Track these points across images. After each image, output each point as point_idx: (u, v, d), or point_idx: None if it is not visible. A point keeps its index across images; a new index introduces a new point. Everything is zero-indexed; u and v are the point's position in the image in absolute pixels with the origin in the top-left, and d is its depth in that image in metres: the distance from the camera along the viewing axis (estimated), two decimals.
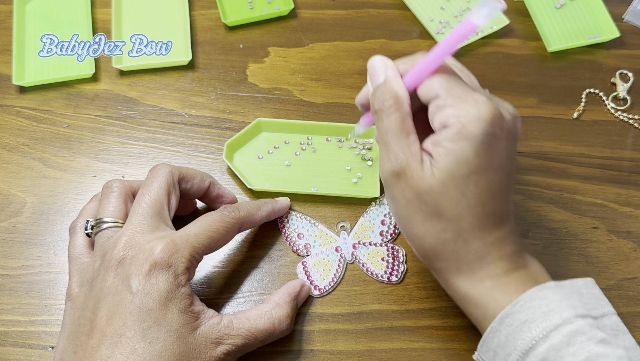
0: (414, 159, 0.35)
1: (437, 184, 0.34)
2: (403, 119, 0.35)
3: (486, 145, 0.34)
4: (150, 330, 0.33)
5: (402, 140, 0.35)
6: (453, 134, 0.34)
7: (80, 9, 0.55)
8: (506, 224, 0.36)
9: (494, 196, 0.35)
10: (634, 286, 0.44)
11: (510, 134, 0.35)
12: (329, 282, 0.43)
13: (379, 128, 0.36)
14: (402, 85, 0.36)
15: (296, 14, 0.57)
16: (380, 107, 0.36)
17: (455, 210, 0.34)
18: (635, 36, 0.56)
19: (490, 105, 0.34)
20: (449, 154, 0.34)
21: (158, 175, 0.39)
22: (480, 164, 0.34)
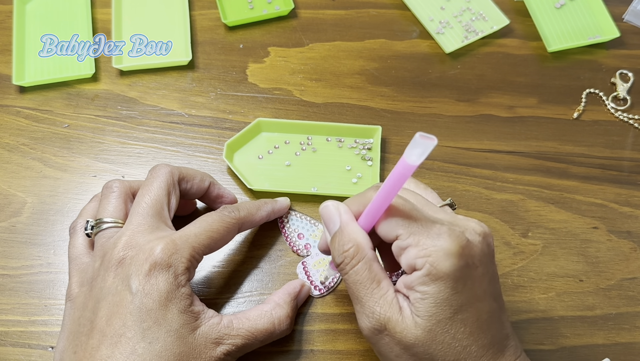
0: (392, 310, 0.32)
1: (423, 333, 0.31)
2: (369, 266, 0.33)
3: (462, 279, 0.31)
4: (150, 330, 0.33)
5: (374, 291, 0.33)
6: (424, 276, 0.31)
7: (80, 9, 0.55)
8: (507, 349, 0.33)
9: (488, 327, 0.32)
10: (634, 286, 0.44)
11: (484, 257, 0.33)
12: (329, 282, 0.43)
13: (347, 282, 0.34)
14: (359, 228, 0.34)
15: (296, 14, 0.57)
16: (341, 260, 0.34)
17: (451, 356, 0.32)
18: (635, 36, 0.56)
19: (454, 236, 0.31)
20: (426, 298, 0.31)
21: (158, 175, 0.39)
22: (462, 300, 0.31)
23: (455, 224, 0.33)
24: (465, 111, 0.52)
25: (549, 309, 0.43)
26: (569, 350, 0.42)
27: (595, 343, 0.42)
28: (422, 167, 0.48)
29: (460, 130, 0.51)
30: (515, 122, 0.51)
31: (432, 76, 0.53)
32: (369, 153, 0.49)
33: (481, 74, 0.54)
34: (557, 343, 0.42)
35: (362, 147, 0.49)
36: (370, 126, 0.49)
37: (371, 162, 0.48)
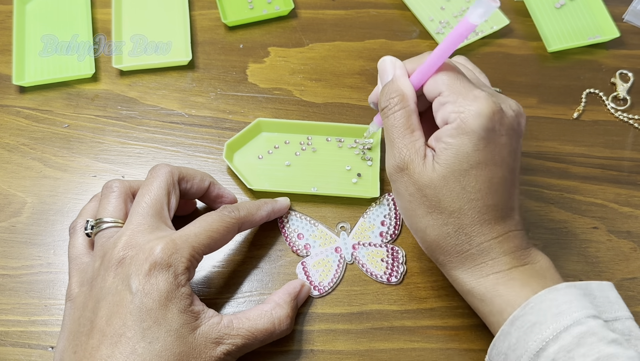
0: (416, 154, 0.36)
1: (437, 178, 0.35)
2: (408, 115, 0.37)
3: (486, 140, 0.34)
4: (150, 330, 0.33)
5: (407, 136, 0.36)
6: (453, 129, 0.35)
7: (80, 9, 0.55)
8: (509, 219, 0.36)
9: (496, 191, 0.35)
10: (634, 286, 0.44)
11: (511, 130, 0.35)
12: (329, 282, 0.43)
13: (385, 125, 0.38)
14: (408, 83, 0.37)
15: (296, 14, 0.57)
16: (386, 105, 0.37)
17: (455, 204, 0.35)
18: (635, 36, 0.56)
19: (490, 101, 0.34)
20: (449, 148, 0.35)
21: (158, 175, 0.39)
22: (480, 158, 0.34)
23: (494, 94, 0.36)
24: None
25: None
26: None
27: None
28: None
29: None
30: None
31: None
32: (369, 153, 0.49)
33: None
34: None
35: (362, 147, 0.49)
36: None
37: (371, 162, 0.48)
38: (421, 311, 0.43)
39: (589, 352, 0.32)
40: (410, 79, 0.38)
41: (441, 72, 0.36)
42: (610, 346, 0.32)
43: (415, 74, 0.38)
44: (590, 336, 0.32)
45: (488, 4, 0.32)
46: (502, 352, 0.35)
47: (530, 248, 0.37)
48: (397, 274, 0.44)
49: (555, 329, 0.33)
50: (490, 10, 0.32)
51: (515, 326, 0.34)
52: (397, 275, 0.44)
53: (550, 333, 0.33)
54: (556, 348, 0.32)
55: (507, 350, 0.35)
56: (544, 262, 0.37)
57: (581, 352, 0.32)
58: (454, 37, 0.34)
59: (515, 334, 0.34)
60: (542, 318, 0.33)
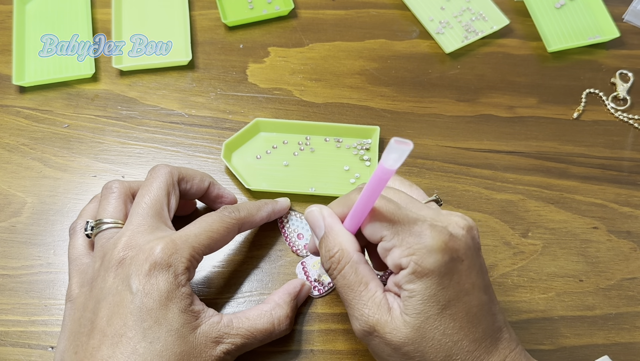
0: (380, 311, 0.32)
1: (412, 332, 0.31)
2: (355, 270, 0.33)
3: (448, 275, 0.31)
4: (151, 330, 0.33)
5: (362, 293, 0.33)
6: (410, 275, 0.31)
7: (80, 9, 0.55)
8: (501, 342, 0.33)
9: (478, 321, 0.32)
10: (634, 286, 0.44)
11: (469, 250, 0.32)
12: (329, 282, 0.43)
13: (337, 286, 0.34)
14: (344, 231, 0.34)
15: (296, 14, 0.57)
16: (329, 265, 0.34)
17: (441, 353, 0.32)
18: (635, 36, 0.56)
19: (437, 231, 0.31)
20: (413, 296, 0.31)
21: (157, 175, 0.39)
22: (449, 295, 0.31)
23: (437, 220, 0.33)
24: (465, 111, 0.52)
25: (549, 309, 0.43)
26: (569, 350, 0.42)
27: (595, 343, 0.42)
28: (423, 167, 0.48)
29: (460, 130, 0.51)
30: (515, 122, 0.51)
31: (432, 76, 0.53)
32: (367, 153, 0.49)
33: (481, 74, 0.54)
34: (557, 343, 0.42)
35: (360, 148, 0.49)
36: (368, 127, 0.49)
37: (369, 163, 0.48)
38: None
39: None
40: (344, 224, 0.35)
41: (375, 213, 0.32)
42: None
43: (348, 219, 0.34)
44: None
45: (400, 148, 0.28)
46: None
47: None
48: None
49: None
50: (405, 154, 0.29)
51: None
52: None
53: None
54: None
55: None
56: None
57: None
58: (374, 183, 0.31)
59: None
60: None
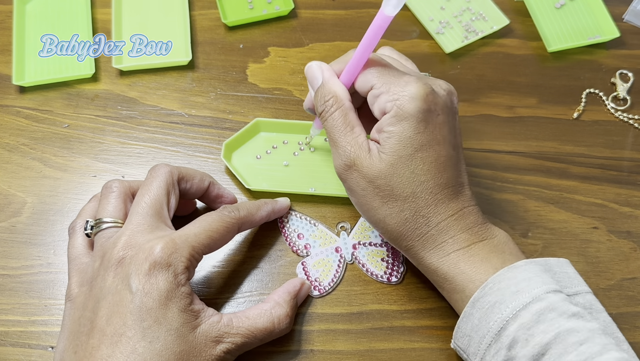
0: (361, 149, 0.37)
1: (386, 167, 0.36)
2: (345, 114, 0.38)
3: (424, 122, 0.36)
4: (151, 329, 0.33)
5: (348, 134, 0.38)
6: (391, 117, 0.36)
7: (80, 9, 0.55)
8: (462, 195, 0.38)
9: (444, 169, 0.37)
10: (634, 286, 0.44)
11: (446, 108, 0.37)
12: (329, 282, 0.43)
13: (326, 128, 0.39)
14: (339, 83, 0.39)
15: (296, 14, 0.57)
16: (322, 109, 0.39)
17: (408, 189, 0.36)
18: (635, 36, 0.56)
19: (421, 83, 0.36)
20: (391, 137, 0.36)
21: (157, 175, 0.39)
22: (422, 140, 0.36)
23: (423, 77, 0.37)
24: (465, 111, 0.52)
25: None
26: None
27: None
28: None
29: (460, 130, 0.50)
30: (515, 122, 0.51)
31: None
32: None
33: (481, 74, 0.54)
34: None
35: None
36: None
37: None
38: (421, 311, 0.43)
39: (549, 328, 0.32)
40: (340, 78, 0.39)
41: (370, 67, 0.38)
42: (571, 321, 0.33)
43: (344, 73, 0.39)
44: (550, 312, 0.33)
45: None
46: (466, 334, 0.36)
47: (486, 223, 0.38)
48: (398, 274, 0.44)
49: (514, 307, 0.33)
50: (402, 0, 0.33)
51: (477, 308, 0.35)
52: (397, 275, 0.44)
53: (509, 312, 0.33)
54: (516, 326, 0.33)
55: (470, 331, 0.35)
56: (501, 236, 0.38)
57: (541, 328, 0.32)
58: (372, 31, 0.36)
59: (476, 315, 0.35)
60: (502, 298, 0.34)
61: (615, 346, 0.32)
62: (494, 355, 0.34)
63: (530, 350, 0.32)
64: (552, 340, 0.32)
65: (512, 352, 0.33)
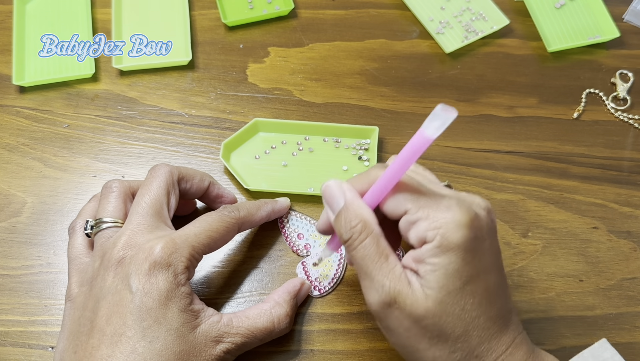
0: (401, 284, 0.32)
1: (433, 305, 0.32)
2: (377, 242, 0.33)
3: (472, 251, 0.32)
4: (151, 329, 0.33)
5: (383, 266, 0.33)
6: (435, 248, 0.31)
7: (80, 9, 0.55)
8: (511, 324, 0.34)
9: (495, 299, 0.33)
10: (634, 286, 0.44)
11: (490, 231, 0.33)
12: (329, 282, 0.43)
13: (355, 258, 0.34)
14: (365, 206, 0.34)
15: (296, 14, 0.57)
16: (349, 235, 0.34)
17: (459, 328, 0.32)
18: (635, 36, 0.56)
19: (464, 208, 0.32)
20: (437, 270, 0.31)
21: (157, 175, 0.39)
22: (471, 272, 0.32)
23: (462, 198, 0.33)
24: (465, 111, 0.52)
25: (549, 309, 0.43)
26: (569, 350, 0.42)
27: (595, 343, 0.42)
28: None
29: (460, 130, 0.51)
30: (515, 122, 0.51)
31: (432, 76, 0.53)
32: (365, 154, 0.49)
33: (481, 74, 0.54)
34: (557, 343, 0.42)
35: (359, 148, 0.49)
36: (367, 127, 0.49)
37: (368, 163, 0.48)
38: None
39: None
40: (364, 199, 0.34)
41: (400, 187, 0.33)
42: None
43: (370, 193, 0.34)
44: None
45: (445, 115, 0.29)
46: None
47: (536, 351, 0.35)
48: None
49: None
50: (448, 122, 0.29)
51: None
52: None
53: None
54: None
55: None
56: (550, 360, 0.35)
57: None
58: (410, 152, 0.32)
59: None
60: None
61: None
62: None
63: None
64: None
65: None
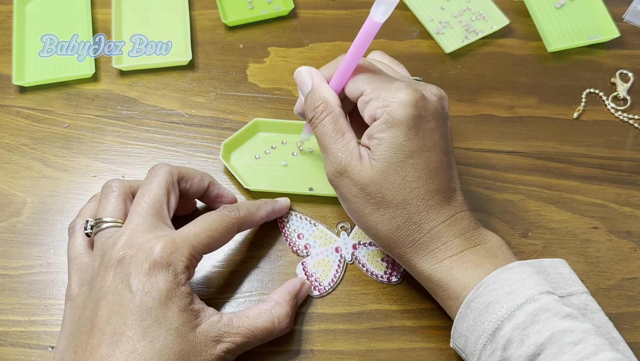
0: (352, 156, 0.37)
1: (377, 174, 0.36)
2: (335, 120, 0.38)
3: (415, 128, 0.35)
4: (151, 329, 0.33)
5: (338, 140, 0.37)
6: (382, 123, 0.36)
7: (80, 9, 0.55)
8: (454, 201, 0.37)
9: (435, 175, 0.36)
10: (634, 286, 0.44)
11: (437, 113, 0.37)
12: (329, 282, 0.43)
13: (316, 134, 0.38)
14: (329, 88, 0.39)
15: (296, 14, 0.57)
16: (313, 115, 0.38)
17: (399, 196, 0.36)
18: (635, 36, 0.56)
19: (411, 89, 0.36)
20: (382, 143, 0.36)
21: (157, 175, 0.39)
22: (413, 147, 0.36)
23: (414, 84, 0.37)
24: (465, 111, 0.52)
25: None
26: None
27: None
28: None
29: (460, 130, 0.51)
30: (515, 122, 0.51)
31: (432, 76, 0.53)
32: None
33: (481, 74, 0.54)
34: None
35: None
36: None
37: None
38: (421, 311, 0.43)
39: (544, 328, 0.32)
40: (330, 84, 0.39)
41: (359, 71, 0.37)
42: (565, 321, 0.33)
43: (334, 78, 0.39)
44: (544, 313, 0.33)
45: (388, 1, 0.33)
46: (462, 334, 0.36)
47: (479, 228, 0.38)
48: (398, 273, 0.44)
49: (509, 308, 0.33)
50: (391, 7, 0.33)
51: (471, 308, 0.35)
52: (397, 275, 0.44)
53: (504, 312, 0.34)
54: (511, 326, 0.33)
55: (466, 332, 0.35)
56: (494, 241, 0.38)
57: (536, 329, 0.33)
58: (361, 37, 0.36)
59: (471, 316, 0.35)
60: (496, 298, 0.34)
61: (609, 346, 0.32)
62: (490, 355, 0.34)
63: (526, 350, 0.32)
64: (547, 340, 0.32)
65: (507, 352, 0.33)
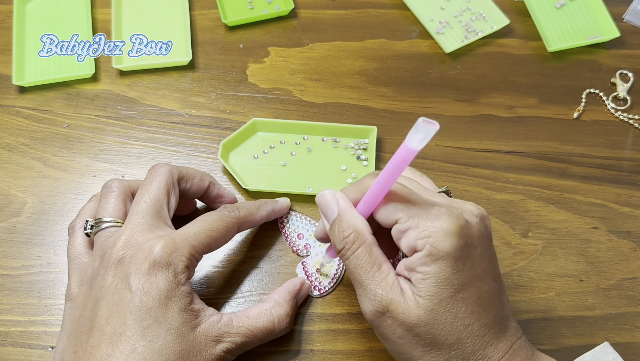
0: (393, 292, 0.33)
1: (425, 313, 0.32)
2: (369, 251, 0.34)
3: (462, 259, 0.32)
4: (150, 329, 0.33)
5: (375, 274, 0.33)
6: (425, 257, 0.32)
7: (80, 9, 0.55)
8: (508, 330, 0.34)
9: (489, 306, 0.33)
10: (634, 286, 0.44)
11: (482, 237, 0.33)
12: (329, 282, 0.43)
13: (348, 267, 0.34)
14: (358, 215, 0.35)
15: (296, 14, 0.57)
16: (342, 245, 0.34)
17: (452, 336, 0.32)
18: (635, 36, 0.56)
19: (454, 216, 0.32)
20: (427, 278, 0.32)
21: (157, 175, 0.39)
22: (462, 279, 0.32)
23: (453, 206, 0.33)
24: (465, 111, 0.52)
25: (549, 309, 0.43)
26: (569, 350, 0.42)
27: (595, 343, 0.42)
28: (423, 167, 0.48)
29: (460, 130, 0.51)
30: (515, 122, 0.51)
31: (432, 76, 0.53)
32: (364, 153, 0.49)
33: (481, 74, 0.54)
34: (557, 343, 0.42)
35: (357, 148, 0.49)
36: (365, 127, 0.49)
37: (366, 163, 0.48)
38: None
39: None
40: (357, 209, 0.35)
41: (391, 196, 0.33)
42: None
43: (362, 203, 0.35)
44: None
45: (427, 128, 0.29)
46: None
47: (535, 354, 0.35)
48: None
49: None
50: (430, 134, 0.29)
51: None
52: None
53: None
54: None
55: None
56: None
57: None
58: (395, 163, 0.32)
59: None
60: None
61: None
62: None
63: None
64: None
65: None
